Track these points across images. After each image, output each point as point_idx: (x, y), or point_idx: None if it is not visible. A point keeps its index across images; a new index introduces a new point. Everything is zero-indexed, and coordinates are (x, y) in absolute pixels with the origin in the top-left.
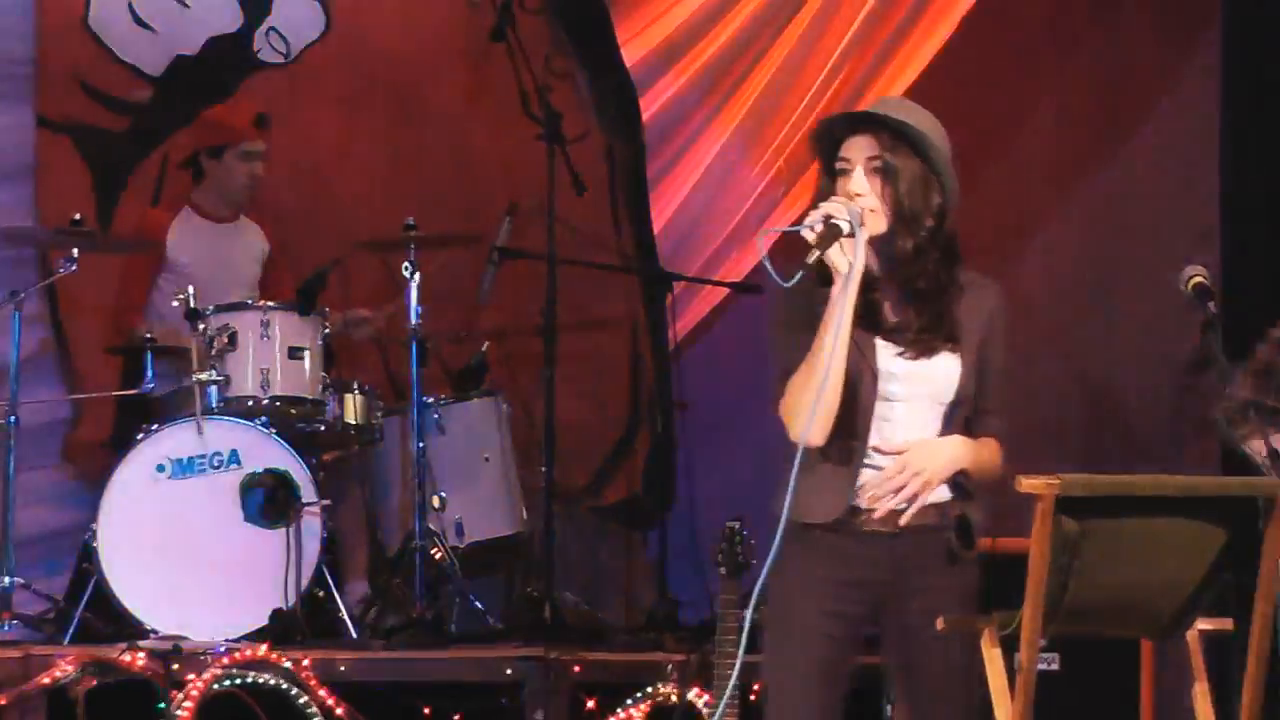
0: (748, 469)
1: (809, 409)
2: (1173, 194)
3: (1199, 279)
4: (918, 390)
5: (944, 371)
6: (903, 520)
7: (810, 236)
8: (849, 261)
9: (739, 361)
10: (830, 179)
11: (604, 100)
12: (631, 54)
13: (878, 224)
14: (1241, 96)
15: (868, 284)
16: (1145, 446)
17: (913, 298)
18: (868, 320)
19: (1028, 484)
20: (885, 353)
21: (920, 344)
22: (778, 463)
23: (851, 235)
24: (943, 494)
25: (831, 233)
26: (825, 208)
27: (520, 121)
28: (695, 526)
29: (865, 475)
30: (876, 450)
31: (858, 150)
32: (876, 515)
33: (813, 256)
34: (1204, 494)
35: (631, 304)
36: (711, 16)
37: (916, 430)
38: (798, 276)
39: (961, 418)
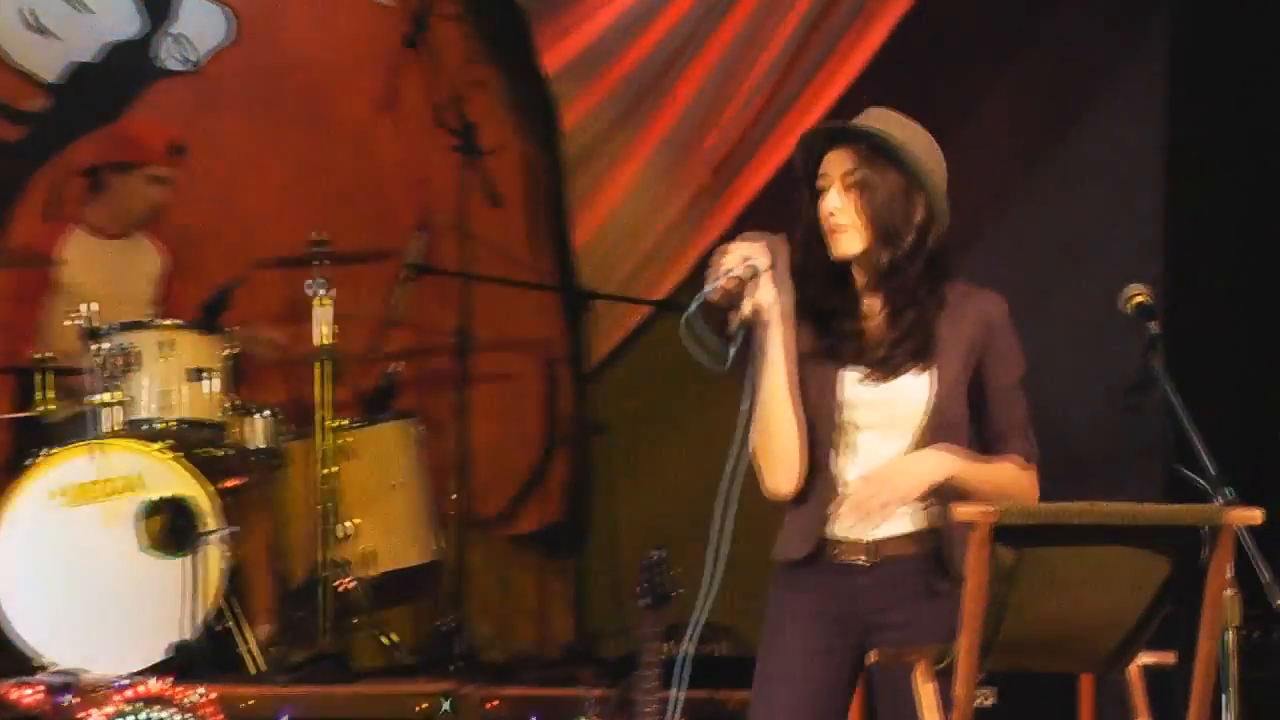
0: (670, 495)
1: (770, 463)
2: (1113, 207)
3: (1141, 298)
4: (883, 416)
5: (911, 393)
6: (869, 534)
7: (715, 298)
8: (769, 300)
9: (661, 383)
10: (810, 198)
11: (521, 110)
12: (551, 62)
13: (855, 242)
14: (1187, 101)
15: (848, 311)
16: (1085, 472)
17: (889, 315)
18: (832, 350)
19: (962, 512)
20: (849, 378)
21: (885, 365)
22: (687, 490)
23: (755, 277)
24: (918, 521)
25: (738, 289)
26: (723, 261)
27: (434, 132)
28: (614, 555)
29: (835, 506)
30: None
31: (835, 166)
32: (853, 538)
33: (733, 325)
34: (1146, 522)
35: (549, 323)
36: (635, 23)
37: (881, 459)
38: (731, 353)
39: (952, 442)
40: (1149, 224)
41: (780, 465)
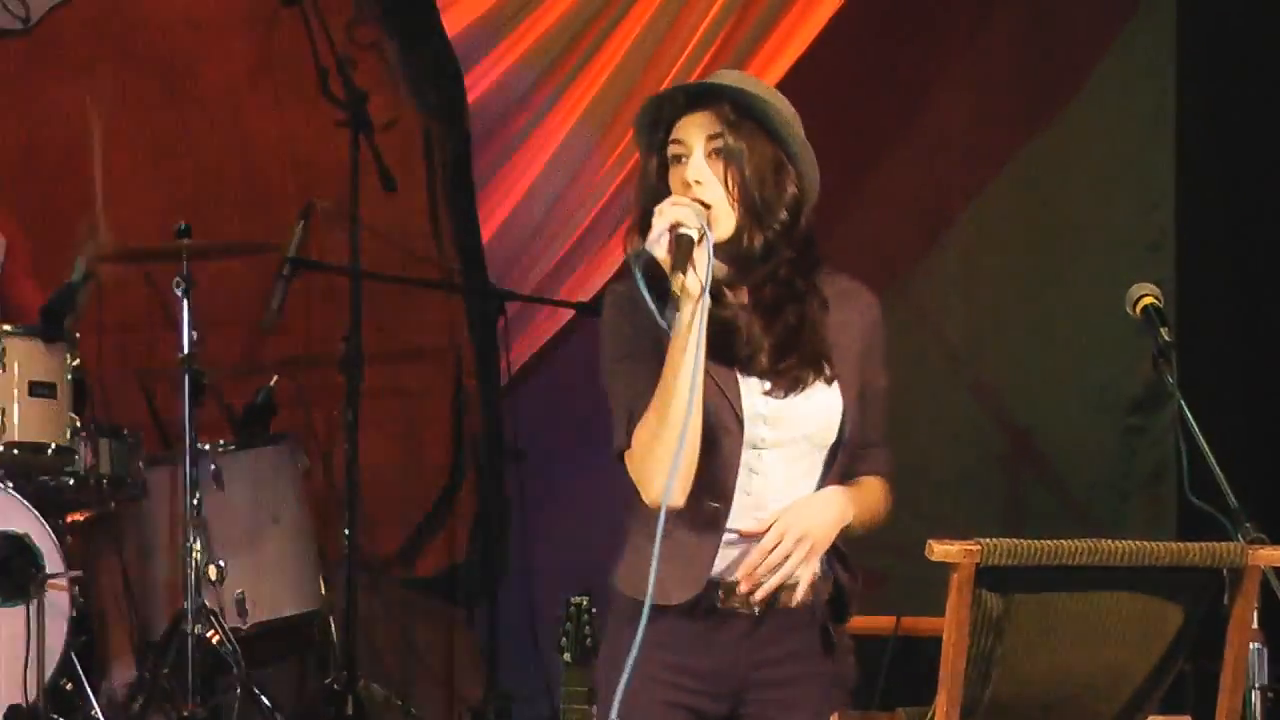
0: (597, 531)
1: (665, 464)
2: (1117, 195)
3: (1149, 299)
4: (791, 434)
5: (821, 409)
6: (758, 596)
7: (662, 255)
8: (698, 278)
9: (585, 399)
10: (660, 168)
11: (420, 78)
12: (453, 22)
13: (725, 222)
14: (1200, 66)
15: (714, 300)
16: (1084, 504)
17: (764, 312)
18: (721, 349)
19: (941, 551)
20: (749, 390)
21: (788, 376)
22: (619, 526)
23: (699, 242)
24: (811, 565)
25: (684, 246)
26: (669, 213)
27: (317, 103)
28: (533, 602)
29: (729, 544)
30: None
31: (694, 130)
32: (751, 595)
33: (677, 282)
34: (1156, 563)
35: (454, 329)
36: None
37: (792, 482)
38: (670, 314)
39: (844, 462)
40: (1159, 212)
41: (686, 471)
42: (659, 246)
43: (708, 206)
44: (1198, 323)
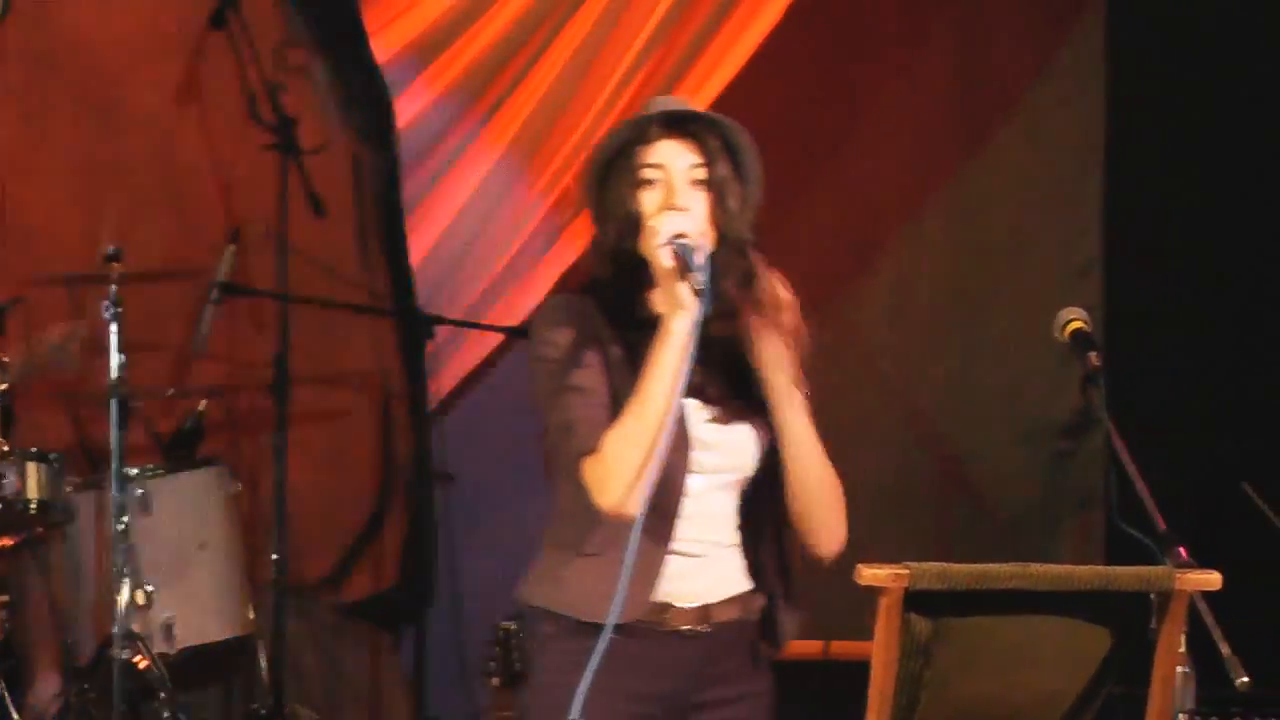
0: (525, 556)
1: (636, 470)
2: (1046, 220)
3: (1077, 324)
4: (727, 462)
5: (751, 438)
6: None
7: (667, 263)
8: (698, 290)
9: (514, 424)
10: (631, 190)
11: (349, 102)
12: (382, 47)
13: (705, 249)
14: (1129, 91)
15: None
16: (1014, 529)
17: (719, 345)
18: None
19: (870, 575)
20: (696, 416)
21: (732, 408)
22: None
23: (697, 254)
24: (743, 582)
25: (686, 256)
26: (670, 223)
27: (247, 128)
28: (461, 627)
29: (674, 563)
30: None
31: (675, 155)
32: (684, 603)
33: (696, 285)
34: (1084, 588)
35: (383, 353)
36: (479, 6)
37: (716, 508)
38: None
39: (749, 492)
40: (1088, 236)
41: (644, 480)
42: (664, 254)
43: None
44: (1126, 347)
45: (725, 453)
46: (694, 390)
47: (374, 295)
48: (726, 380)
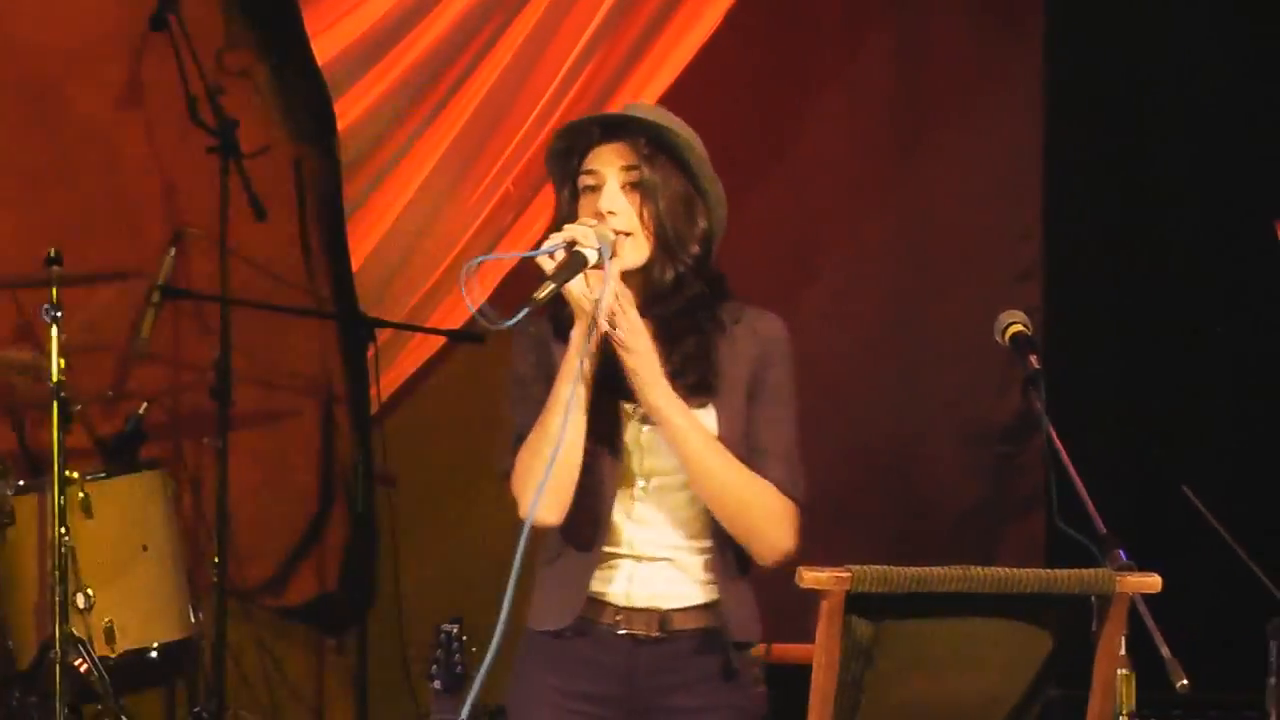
0: (468, 559)
1: (538, 479)
2: (986, 225)
3: (1017, 327)
4: (668, 463)
5: None
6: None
7: (547, 265)
8: (594, 299)
9: (457, 427)
10: (571, 198)
11: (290, 105)
12: (324, 49)
13: (637, 252)
14: (1068, 97)
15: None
16: (956, 532)
17: (667, 342)
18: (612, 378)
19: (811, 578)
20: (632, 419)
21: None
22: (489, 554)
23: (599, 266)
24: (710, 591)
25: (575, 262)
26: (570, 231)
27: (187, 130)
28: (403, 630)
29: (632, 568)
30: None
31: (609, 160)
32: (639, 605)
33: (544, 290)
34: (1026, 590)
35: (325, 356)
36: (421, 7)
37: (676, 510)
38: (519, 315)
39: None
40: (1028, 243)
41: (562, 488)
42: (549, 260)
43: (623, 235)
44: (1067, 351)
45: (665, 454)
46: (629, 393)
47: (316, 298)
48: (674, 372)
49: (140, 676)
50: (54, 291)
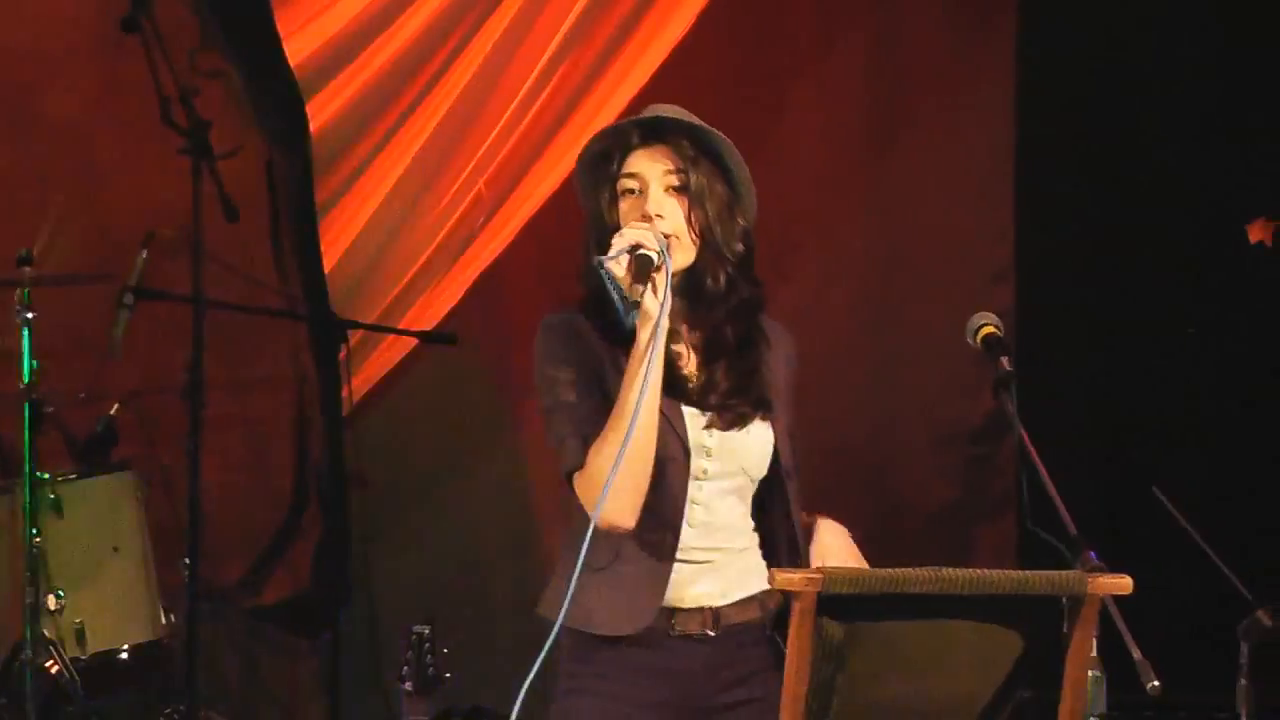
0: (440, 559)
1: (620, 484)
2: (960, 227)
3: (989, 330)
4: (730, 467)
5: (759, 444)
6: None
7: (619, 271)
8: (659, 302)
9: (429, 429)
10: (610, 202)
11: (263, 106)
12: (296, 50)
13: (683, 255)
14: (1040, 99)
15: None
16: (929, 533)
17: (718, 349)
18: (670, 381)
19: (783, 579)
20: (694, 423)
21: (730, 411)
22: (462, 555)
23: (660, 268)
24: (757, 583)
25: (642, 266)
26: (629, 234)
27: (159, 131)
28: (375, 631)
29: (680, 571)
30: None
31: (650, 165)
32: (694, 605)
33: (637, 293)
34: (997, 592)
35: (298, 358)
36: (394, 7)
37: (729, 513)
38: (634, 319)
39: (780, 497)
40: (1001, 245)
41: (637, 493)
42: (618, 264)
43: (672, 238)
44: (1039, 353)
45: (728, 458)
46: (692, 397)
47: (288, 299)
48: (729, 388)
49: (111, 678)
50: (25, 291)
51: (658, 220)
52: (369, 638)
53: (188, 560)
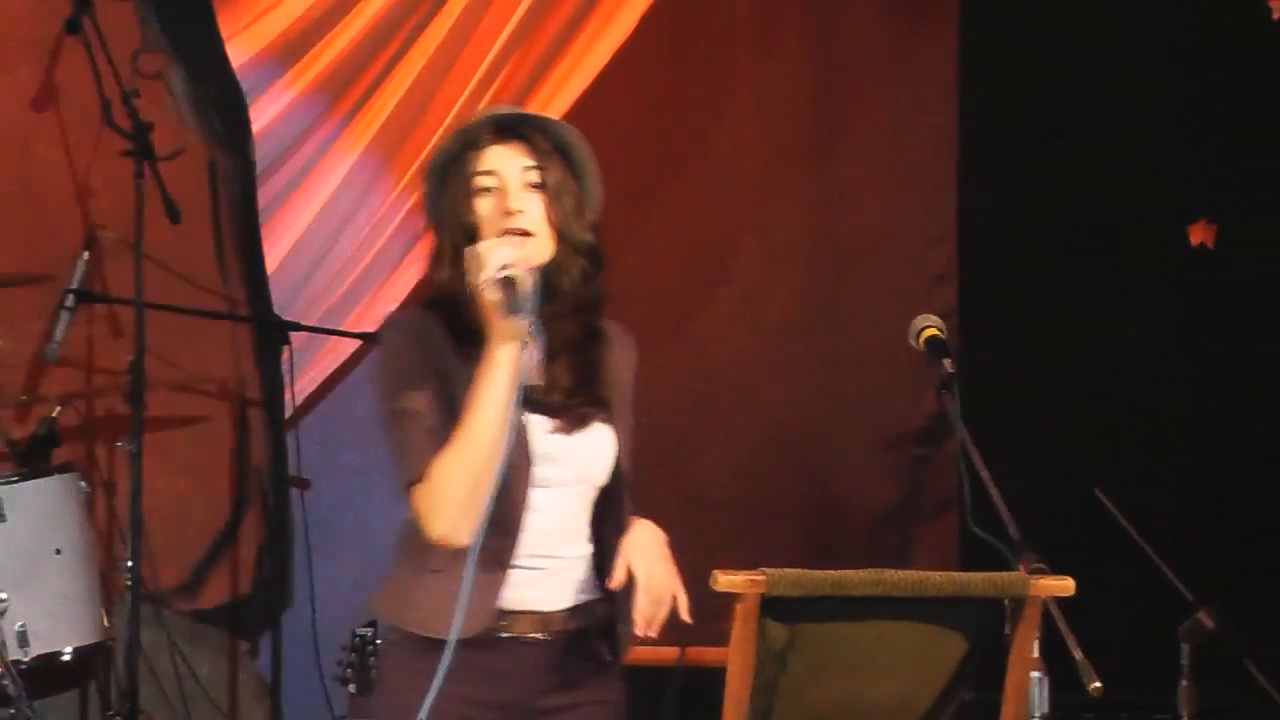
0: (381, 562)
1: (464, 500)
2: (902, 228)
3: (932, 331)
4: (572, 474)
5: (602, 450)
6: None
7: (495, 298)
8: (524, 323)
9: (371, 430)
10: (465, 199)
11: (205, 108)
12: (238, 52)
13: (542, 253)
14: (982, 99)
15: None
16: (872, 535)
17: (560, 346)
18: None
19: (726, 581)
20: (538, 429)
21: (572, 413)
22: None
23: (522, 283)
24: (589, 590)
25: (510, 287)
26: (495, 256)
27: (101, 133)
28: (317, 633)
29: (516, 575)
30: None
31: (508, 160)
32: (527, 610)
33: (522, 319)
34: (939, 593)
35: (239, 360)
36: (337, 9)
37: (569, 519)
38: (532, 360)
39: (615, 501)
40: (943, 246)
41: (477, 510)
42: (491, 289)
43: (529, 234)
44: (982, 354)
45: (570, 464)
46: (535, 404)
47: (230, 301)
48: (571, 385)
49: (53, 680)
50: None
51: (519, 216)
52: (311, 640)
53: (130, 563)
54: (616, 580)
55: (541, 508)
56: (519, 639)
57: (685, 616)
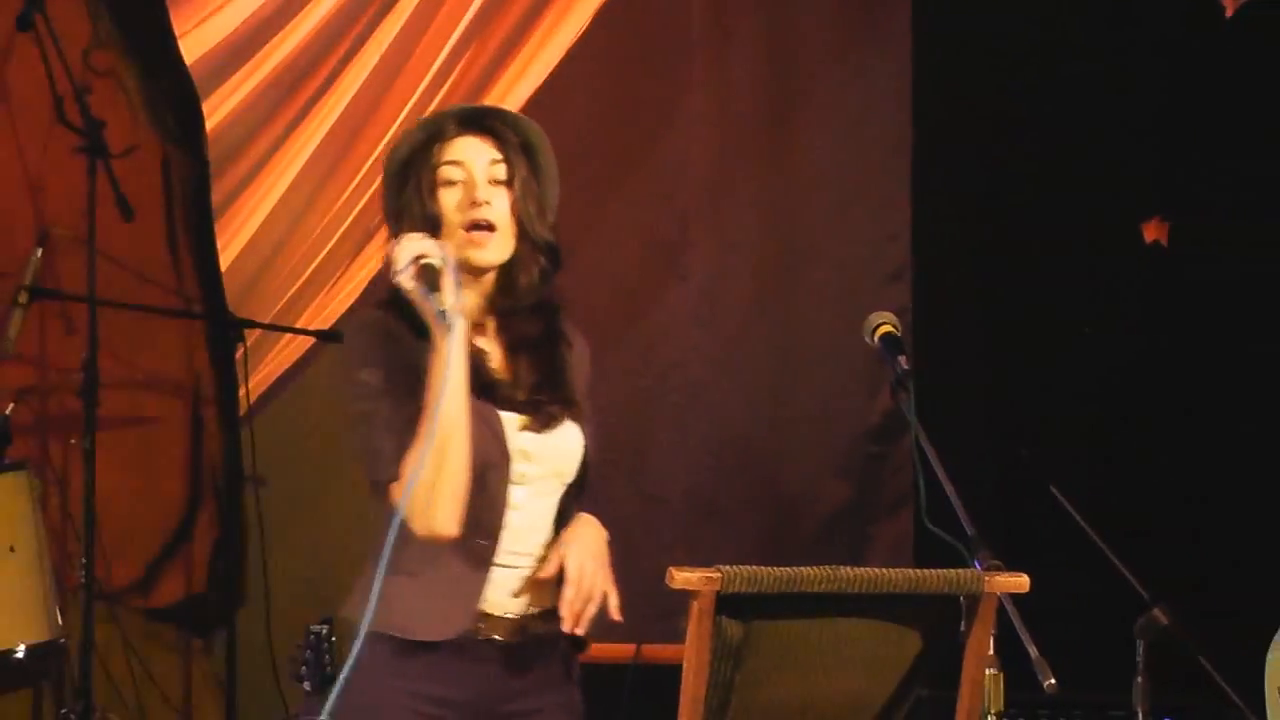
0: (337, 559)
1: (437, 493)
2: (856, 225)
3: (887, 328)
4: (547, 470)
5: (572, 446)
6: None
7: (410, 285)
8: (452, 308)
9: (325, 427)
10: (429, 190)
11: (158, 105)
12: (191, 49)
13: (504, 248)
14: (936, 96)
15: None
16: (827, 532)
17: (520, 343)
18: (483, 383)
19: (681, 579)
20: (511, 426)
21: (541, 411)
22: (358, 555)
23: (442, 271)
24: (555, 595)
25: (429, 275)
26: (409, 247)
27: (53, 130)
28: (271, 630)
29: (497, 576)
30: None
31: (474, 153)
32: (501, 614)
33: (439, 301)
34: (894, 590)
35: (193, 357)
36: (289, 6)
37: (542, 517)
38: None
39: (564, 499)
40: (898, 242)
41: (457, 502)
42: (405, 277)
43: (493, 229)
44: (936, 351)
45: (544, 461)
46: (504, 397)
47: (184, 298)
48: (534, 382)
49: (6, 678)
50: None
51: (485, 207)
52: (265, 637)
53: (84, 560)
54: (547, 571)
55: (521, 505)
56: (492, 641)
57: (615, 615)
